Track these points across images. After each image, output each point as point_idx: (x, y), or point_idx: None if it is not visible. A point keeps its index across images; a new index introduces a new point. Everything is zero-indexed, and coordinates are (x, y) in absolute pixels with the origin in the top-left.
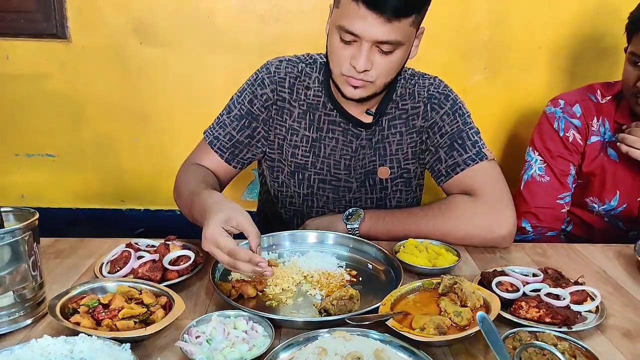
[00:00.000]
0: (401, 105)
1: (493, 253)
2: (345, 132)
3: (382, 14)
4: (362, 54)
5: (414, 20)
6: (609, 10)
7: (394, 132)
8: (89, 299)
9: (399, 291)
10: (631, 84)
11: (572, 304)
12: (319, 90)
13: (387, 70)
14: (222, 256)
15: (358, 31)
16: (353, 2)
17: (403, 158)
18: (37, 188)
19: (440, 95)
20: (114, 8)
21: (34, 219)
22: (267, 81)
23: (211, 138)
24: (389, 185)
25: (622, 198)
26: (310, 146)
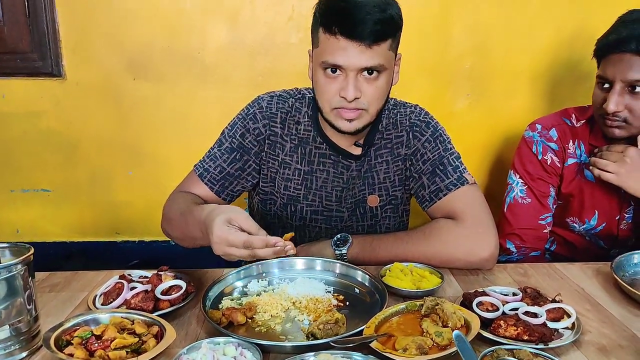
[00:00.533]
0: (386, 135)
1: (476, 274)
2: (335, 164)
3: (361, 42)
4: (349, 84)
5: (391, 45)
6: (584, 37)
7: (381, 162)
8: (82, 330)
9: (383, 314)
10: (598, 106)
11: (548, 322)
12: (309, 124)
13: (376, 96)
14: (239, 252)
15: (342, 62)
16: (332, 37)
17: (391, 186)
18: (32, 223)
19: (421, 123)
20: (108, 45)
21: (29, 254)
22: (259, 116)
23: (201, 170)
24: (379, 212)
25: (601, 217)
26: (302, 179)
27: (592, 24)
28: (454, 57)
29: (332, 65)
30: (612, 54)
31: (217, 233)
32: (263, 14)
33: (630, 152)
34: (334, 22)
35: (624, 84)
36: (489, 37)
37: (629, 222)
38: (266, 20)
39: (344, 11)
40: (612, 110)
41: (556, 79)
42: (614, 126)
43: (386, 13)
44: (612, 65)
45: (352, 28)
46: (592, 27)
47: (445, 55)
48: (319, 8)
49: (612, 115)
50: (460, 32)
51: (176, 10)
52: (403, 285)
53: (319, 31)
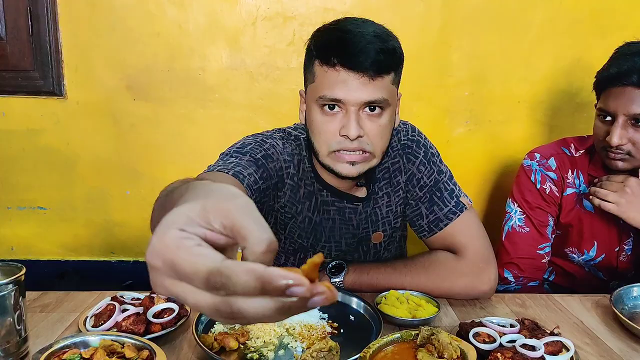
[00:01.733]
0: (382, 165)
1: (473, 305)
2: (340, 210)
3: (364, 74)
4: (351, 120)
5: (394, 78)
6: (583, 67)
7: (381, 195)
8: (71, 353)
9: (377, 343)
10: (601, 139)
11: (546, 355)
12: (310, 171)
13: (380, 136)
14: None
15: (342, 96)
16: (330, 69)
17: (393, 218)
18: (27, 241)
19: (412, 143)
20: (109, 66)
21: (20, 273)
22: (275, 156)
23: (233, 172)
24: (382, 247)
25: (600, 249)
26: (312, 229)
27: (591, 54)
28: (452, 84)
29: (330, 101)
30: (613, 87)
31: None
32: (264, 38)
33: (631, 182)
34: (332, 52)
35: (626, 117)
36: (488, 65)
37: (628, 254)
38: (267, 43)
39: (343, 41)
40: (616, 143)
41: (555, 107)
42: (617, 159)
43: (388, 44)
44: (614, 99)
45: (352, 58)
46: (590, 57)
47: (443, 83)
48: (314, 41)
49: (616, 148)
50: (458, 60)
51: (177, 32)
52: (399, 314)
53: (314, 65)
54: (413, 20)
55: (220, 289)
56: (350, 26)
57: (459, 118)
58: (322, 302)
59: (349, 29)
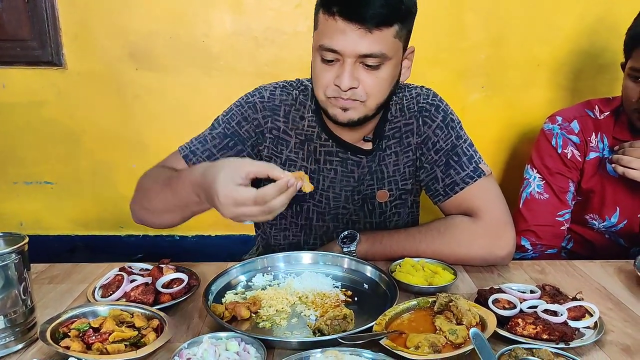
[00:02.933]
0: (393, 124)
1: (491, 272)
2: (344, 162)
3: (362, 25)
4: (345, 71)
5: (398, 32)
6: (607, 26)
7: (389, 153)
8: (80, 322)
9: (393, 310)
10: (633, 100)
11: (569, 320)
12: (313, 120)
13: (376, 88)
14: (250, 210)
15: (339, 47)
16: (330, 18)
17: (401, 179)
18: (35, 215)
19: (430, 107)
20: (110, 34)
21: (23, 243)
22: (259, 106)
23: (187, 152)
24: (388, 208)
25: (622, 215)
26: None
27: (616, 12)
28: (468, 47)
29: (328, 50)
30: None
31: (224, 192)
32: (268, 1)
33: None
34: (333, 1)
35: None
36: (506, 26)
37: None
38: (273, 7)
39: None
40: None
41: (576, 70)
42: None
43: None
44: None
45: (352, 8)
46: (614, 15)
47: (459, 46)
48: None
49: None
50: (475, 21)
51: None
52: (414, 282)
53: (319, 12)
54: None
55: (260, 203)
56: None
57: (475, 83)
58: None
59: None
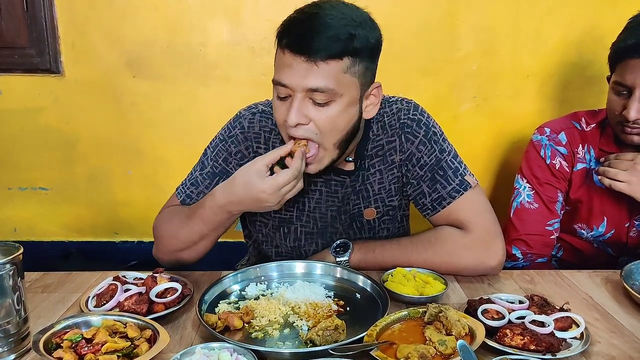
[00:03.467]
0: (376, 143)
1: (481, 281)
2: (327, 182)
3: (307, 57)
4: (292, 106)
5: (349, 67)
6: (593, 38)
7: (374, 172)
8: (72, 333)
9: (384, 320)
10: (616, 113)
11: (556, 331)
12: None
13: (328, 126)
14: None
15: (286, 80)
16: (280, 52)
17: (387, 196)
18: (29, 221)
19: (412, 122)
20: (107, 42)
21: (18, 253)
22: (240, 137)
23: (183, 196)
24: (377, 224)
25: (610, 224)
26: (293, 201)
27: (602, 25)
28: (460, 58)
29: (278, 84)
30: (630, 59)
31: (264, 188)
32: (265, 11)
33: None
34: (283, 35)
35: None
36: (496, 38)
37: (639, 230)
38: (269, 17)
39: (295, 23)
40: (634, 117)
41: (565, 81)
42: (634, 133)
43: (344, 29)
44: (631, 71)
45: (296, 40)
46: (601, 28)
47: (451, 57)
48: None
49: (632, 122)
50: (466, 33)
51: (177, 7)
52: (406, 291)
53: (276, 48)
54: None
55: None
56: (315, 9)
57: (466, 93)
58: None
59: (309, 11)
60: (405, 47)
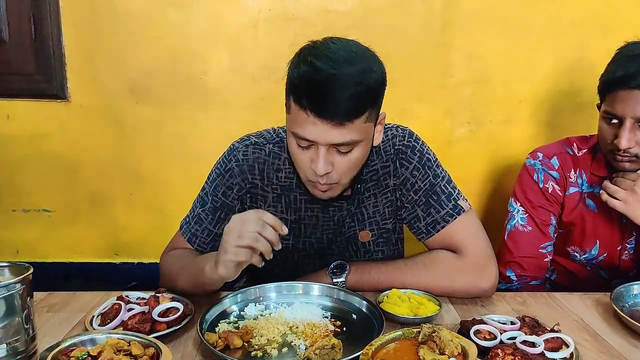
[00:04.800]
0: (371, 168)
1: (474, 303)
2: (324, 208)
3: (332, 120)
4: (320, 158)
5: (369, 116)
6: (584, 66)
7: (368, 196)
8: (79, 351)
9: (379, 340)
10: (608, 142)
11: (546, 351)
12: (290, 171)
13: (349, 169)
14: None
15: (312, 137)
16: (301, 110)
17: (381, 219)
18: (32, 243)
19: (406, 149)
20: (112, 69)
21: (28, 273)
22: (236, 170)
23: (189, 235)
24: (372, 247)
25: (602, 247)
26: (290, 228)
27: (592, 54)
28: (453, 85)
29: (302, 139)
30: (619, 90)
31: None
32: (265, 40)
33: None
34: (302, 96)
35: (634, 120)
36: (489, 65)
37: (631, 253)
38: (268, 45)
39: (314, 85)
40: (625, 147)
41: (556, 107)
42: (625, 161)
43: (362, 86)
44: (621, 102)
45: (321, 106)
46: (591, 56)
47: (444, 83)
48: (289, 72)
49: (623, 151)
50: (460, 61)
51: (179, 36)
52: (400, 312)
53: (290, 98)
54: (414, 21)
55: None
56: (324, 64)
57: (460, 118)
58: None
59: (321, 68)
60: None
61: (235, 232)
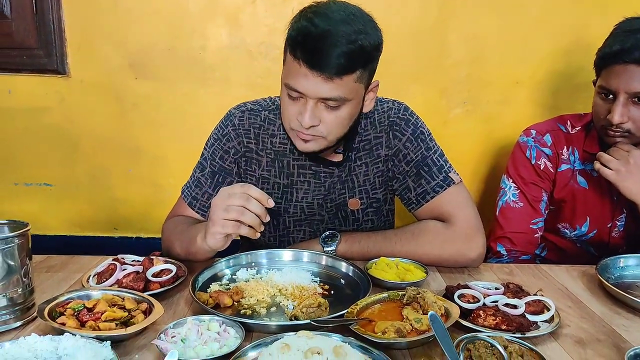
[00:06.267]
0: (364, 137)
1: (462, 272)
2: (316, 174)
3: (322, 73)
4: (307, 111)
5: (359, 77)
6: (581, 47)
7: (360, 164)
8: (75, 303)
9: (365, 301)
10: (601, 117)
11: (527, 314)
12: (285, 137)
13: (336, 126)
14: (237, 201)
15: (301, 89)
16: (295, 61)
17: (371, 188)
18: (33, 216)
19: (400, 121)
20: (111, 44)
21: (26, 228)
22: (232, 134)
23: (190, 199)
24: (361, 215)
25: (592, 224)
26: (282, 192)
27: (590, 33)
28: (450, 65)
29: (292, 89)
30: (615, 64)
31: (220, 191)
32: (263, 16)
33: (635, 154)
34: (297, 47)
35: (627, 95)
36: (486, 46)
37: (621, 230)
38: (266, 22)
39: (309, 38)
40: (617, 121)
41: (553, 88)
42: (617, 136)
43: (355, 45)
44: (616, 77)
45: (314, 58)
46: (589, 36)
47: (441, 64)
48: (290, 26)
49: (616, 126)
50: (456, 41)
51: (178, 12)
52: (388, 277)
53: (287, 51)
54: (411, 0)
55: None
56: (322, 21)
57: (456, 99)
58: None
59: (318, 24)
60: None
61: (221, 205)
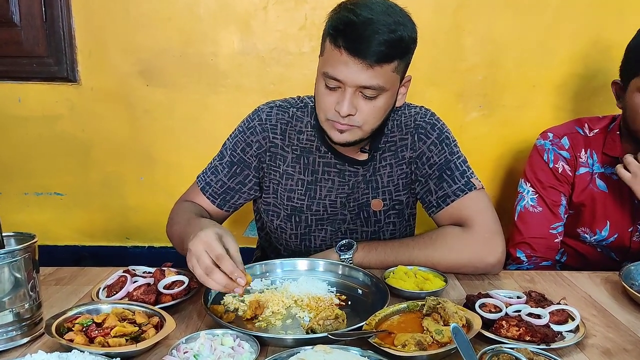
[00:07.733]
0: (390, 138)
1: (482, 279)
2: (341, 172)
3: (364, 60)
4: (345, 99)
5: (397, 67)
6: (599, 50)
7: (384, 165)
8: (83, 318)
9: (383, 312)
10: None
11: (552, 324)
12: (312, 134)
13: (372, 116)
14: (205, 260)
15: (341, 77)
16: (336, 49)
17: (394, 190)
18: (44, 226)
19: (426, 125)
20: (122, 51)
21: (33, 241)
22: (258, 129)
23: (203, 184)
24: (382, 217)
25: (613, 228)
26: (305, 189)
27: (608, 36)
28: (466, 68)
29: (331, 78)
30: None
31: (205, 233)
32: (275, 22)
33: None
34: (339, 35)
35: None
36: (502, 49)
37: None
38: (278, 28)
39: (352, 26)
40: None
41: (570, 92)
42: None
43: (395, 34)
44: None
45: (355, 45)
46: (606, 39)
47: (457, 67)
48: (329, 16)
49: None
50: (473, 44)
51: (190, 18)
52: (406, 287)
53: (326, 40)
54: (427, 3)
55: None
56: (364, 11)
57: (473, 103)
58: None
59: (360, 13)
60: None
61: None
